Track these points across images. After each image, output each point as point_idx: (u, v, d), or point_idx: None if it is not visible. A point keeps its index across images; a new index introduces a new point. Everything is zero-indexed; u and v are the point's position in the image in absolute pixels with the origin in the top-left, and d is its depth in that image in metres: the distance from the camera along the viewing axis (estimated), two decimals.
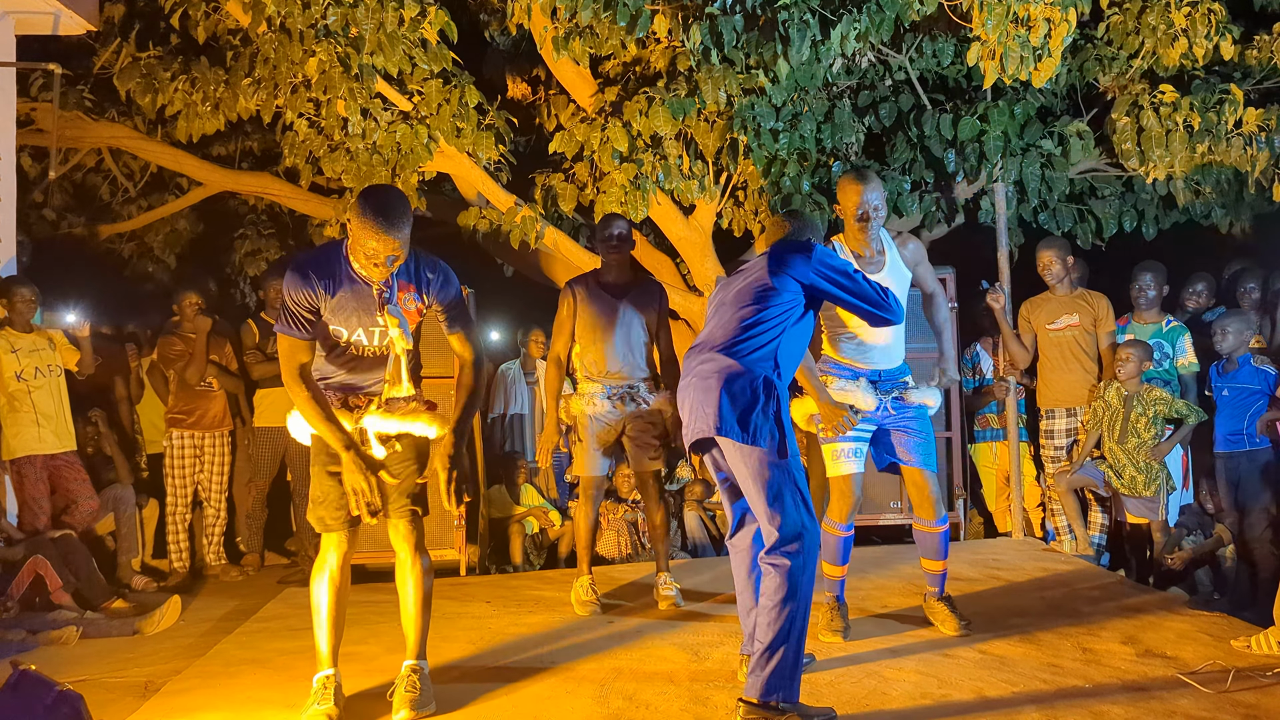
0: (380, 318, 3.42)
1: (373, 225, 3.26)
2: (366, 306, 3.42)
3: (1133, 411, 5.58)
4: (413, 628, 3.64)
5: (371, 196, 3.35)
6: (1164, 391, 5.64)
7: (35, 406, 5.81)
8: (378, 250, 3.29)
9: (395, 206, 3.32)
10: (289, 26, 6.03)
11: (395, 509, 3.60)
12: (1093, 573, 5.28)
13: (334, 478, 3.52)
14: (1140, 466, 5.56)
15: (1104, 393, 5.74)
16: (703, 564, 5.97)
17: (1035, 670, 3.76)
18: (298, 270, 3.39)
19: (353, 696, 3.71)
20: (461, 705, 3.61)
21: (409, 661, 3.62)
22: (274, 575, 6.65)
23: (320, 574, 3.60)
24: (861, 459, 4.25)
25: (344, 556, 3.60)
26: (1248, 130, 5.95)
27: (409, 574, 3.63)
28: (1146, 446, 5.57)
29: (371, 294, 3.41)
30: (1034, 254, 6.28)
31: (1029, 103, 6.34)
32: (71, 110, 7.77)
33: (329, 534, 3.59)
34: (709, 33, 5.79)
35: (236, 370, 6.94)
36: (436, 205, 7.82)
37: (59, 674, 3.26)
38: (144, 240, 9.70)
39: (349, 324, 3.45)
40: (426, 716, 3.52)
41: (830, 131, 6.35)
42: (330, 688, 3.56)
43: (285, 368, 3.43)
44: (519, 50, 8.16)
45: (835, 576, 4.35)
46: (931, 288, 4.42)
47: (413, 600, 3.63)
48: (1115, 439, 5.64)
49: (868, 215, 4.08)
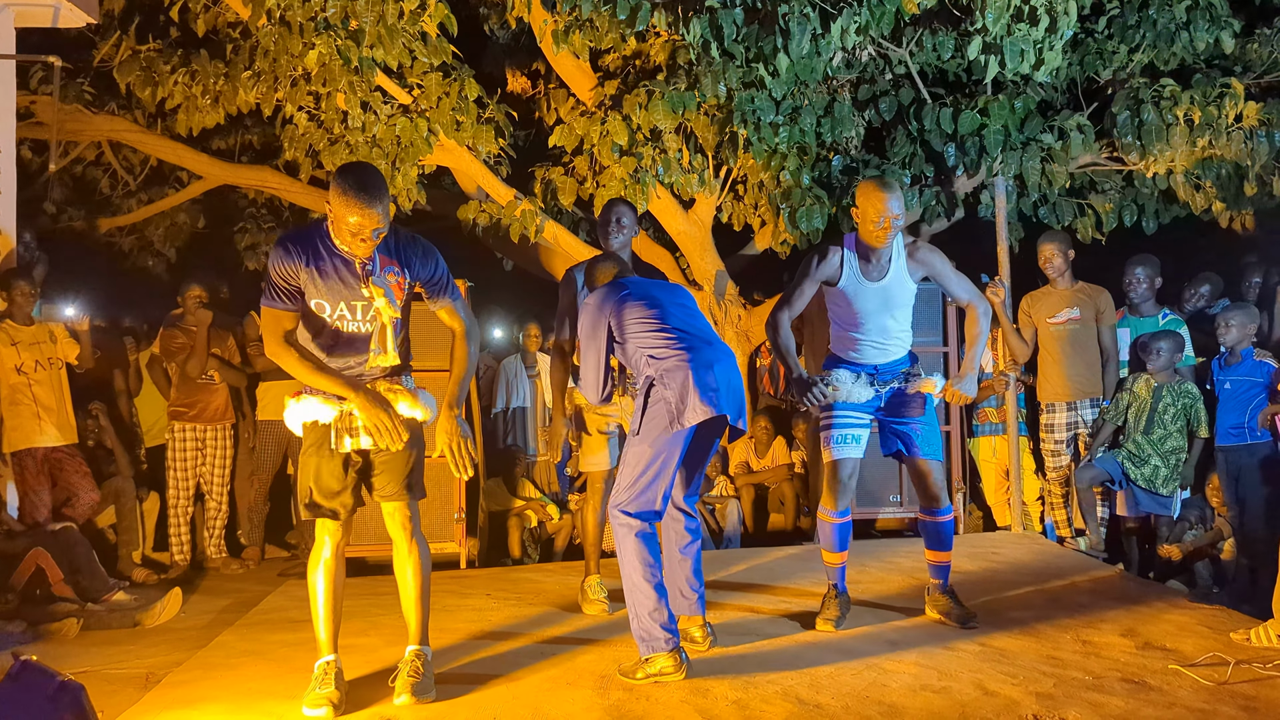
0: (365, 289, 3.44)
1: (354, 200, 3.29)
2: (349, 281, 3.45)
3: (1161, 402, 5.58)
4: (413, 613, 3.68)
5: (349, 173, 3.37)
6: (1194, 387, 5.64)
7: (36, 399, 5.81)
8: (361, 225, 3.32)
9: (373, 181, 3.35)
10: (289, 20, 6.03)
11: (389, 494, 3.63)
12: (1092, 566, 5.29)
13: (327, 463, 3.55)
14: (1167, 461, 5.56)
15: (1132, 384, 5.74)
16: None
17: (1035, 662, 3.76)
18: (280, 245, 3.45)
19: (355, 682, 3.73)
20: (462, 696, 3.62)
21: (412, 647, 3.66)
22: (275, 568, 6.66)
23: (316, 563, 3.64)
24: (856, 446, 4.24)
25: (338, 545, 3.64)
26: (1248, 124, 5.96)
27: (406, 560, 3.67)
28: (1174, 439, 5.58)
29: (355, 268, 3.44)
30: (1034, 248, 6.28)
31: (1029, 97, 6.34)
32: (71, 103, 7.77)
33: (323, 522, 3.62)
34: (709, 26, 5.78)
35: (238, 363, 6.94)
36: (436, 199, 7.82)
37: (60, 666, 3.26)
38: (144, 234, 9.71)
39: (331, 299, 3.46)
40: (428, 702, 3.54)
41: (830, 125, 6.35)
42: (331, 673, 3.59)
43: (271, 338, 3.48)
44: (519, 44, 8.17)
45: (834, 564, 4.35)
46: (965, 299, 4.29)
47: (412, 586, 3.67)
48: (1141, 430, 5.64)
49: (887, 224, 4.08)
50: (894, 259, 4.18)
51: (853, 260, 4.18)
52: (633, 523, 3.73)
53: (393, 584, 3.75)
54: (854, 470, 4.27)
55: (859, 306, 4.20)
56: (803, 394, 4.09)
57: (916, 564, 5.32)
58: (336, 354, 3.54)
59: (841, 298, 4.23)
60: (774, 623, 4.39)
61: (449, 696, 3.61)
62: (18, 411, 5.79)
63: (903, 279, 4.20)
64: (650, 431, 3.74)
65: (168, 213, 9.48)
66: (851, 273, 4.18)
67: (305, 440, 3.61)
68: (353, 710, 3.55)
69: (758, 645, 4.07)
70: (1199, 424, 5.59)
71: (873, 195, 4.08)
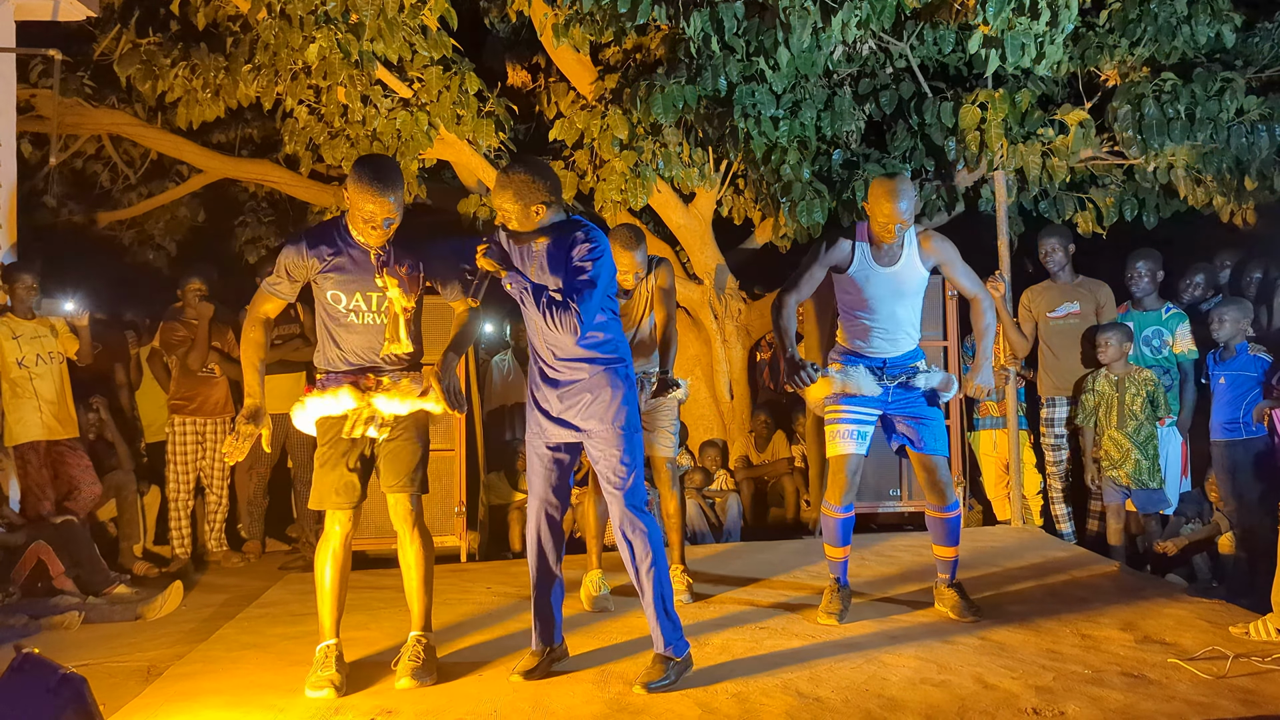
0: (379, 279, 3.62)
1: (369, 188, 3.51)
2: (364, 271, 3.64)
3: (1127, 394, 5.60)
4: (416, 600, 3.81)
5: (365, 163, 3.61)
6: (1151, 372, 5.68)
7: (37, 393, 5.82)
8: (374, 213, 3.53)
9: (388, 171, 3.57)
10: (289, 13, 6.02)
11: (395, 487, 3.74)
12: (1091, 560, 5.30)
13: (337, 457, 3.68)
14: (1145, 451, 5.58)
15: (1092, 384, 5.75)
16: (699, 550, 5.98)
17: (1035, 656, 3.77)
18: (298, 237, 3.72)
19: (356, 666, 3.82)
20: (463, 688, 3.63)
21: (414, 632, 3.78)
22: (275, 561, 6.66)
23: (324, 550, 3.76)
24: (861, 441, 4.25)
25: (346, 535, 3.76)
26: (1249, 119, 5.95)
27: (409, 549, 3.80)
28: (1147, 427, 5.59)
29: (369, 259, 3.64)
30: (1034, 242, 6.27)
31: (1030, 90, 6.33)
32: (71, 97, 7.76)
33: (333, 513, 3.74)
34: (709, 20, 5.77)
35: (239, 357, 6.92)
36: (436, 193, 7.81)
37: (61, 659, 3.26)
38: (144, 228, 9.70)
39: (348, 289, 3.65)
40: (429, 685, 3.64)
41: (831, 119, 6.34)
42: (332, 656, 3.70)
43: (251, 313, 3.78)
44: (519, 37, 8.15)
45: (836, 559, 4.36)
46: (971, 291, 4.35)
47: (415, 574, 3.80)
48: (1115, 425, 5.65)
49: (896, 224, 4.09)
50: (906, 245, 4.20)
51: (864, 246, 4.21)
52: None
53: (392, 578, 3.78)
54: (858, 466, 4.28)
55: (869, 293, 4.21)
56: (792, 374, 4.04)
57: (916, 558, 5.34)
58: (361, 346, 3.71)
59: (851, 284, 4.24)
60: (774, 616, 4.40)
61: (450, 689, 3.62)
62: (19, 405, 5.79)
63: (914, 265, 4.22)
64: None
65: (168, 206, 9.46)
66: (863, 258, 4.20)
67: (320, 436, 3.74)
68: (354, 691, 3.62)
69: (758, 638, 4.08)
70: (1160, 409, 5.62)
71: (883, 199, 4.09)
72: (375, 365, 3.71)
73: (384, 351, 3.68)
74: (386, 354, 3.68)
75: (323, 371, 3.78)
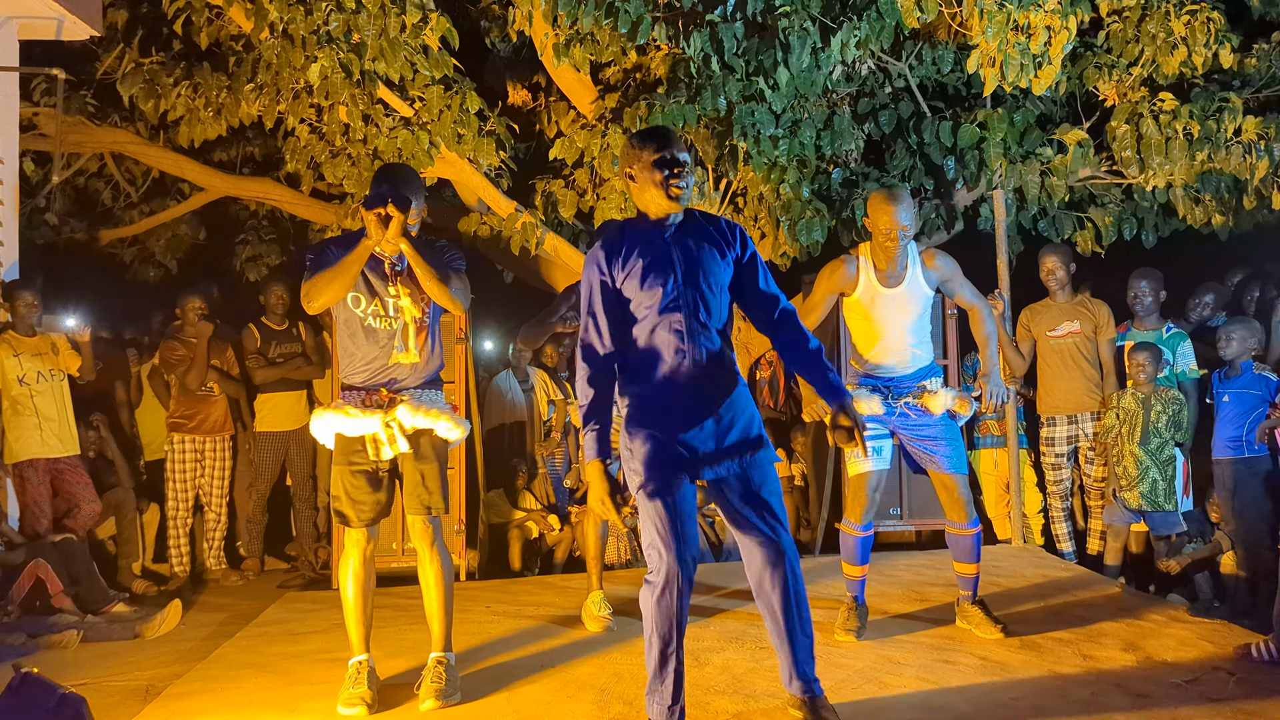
0: (390, 289, 3.69)
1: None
2: (380, 278, 3.71)
3: (1153, 411, 5.59)
4: (436, 621, 3.81)
5: (386, 171, 3.74)
6: (1176, 391, 5.67)
7: (38, 410, 5.82)
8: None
9: (409, 180, 3.71)
10: (291, 32, 6.05)
11: (415, 508, 3.77)
12: (1093, 580, 5.29)
13: (356, 476, 3.70)
14: (1164, 472, 5.57)
15: (1118, 401, 5.74)
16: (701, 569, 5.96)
17: (1037, 677, 3.76)
18: (325, 243, 3.77)
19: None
20: (463, 709, 3.62)
21: (435, 654, 3.77)
22: (274, 580, 6.64)
23: (345, 569, 3.79)
24: (878, 456, 4.24)
25: (365, 551, 3.78)
26: (1247, 138, 5.98)
27: (429, 569, 3.81)
28: (1169, 447, 5.59)
29: (384, 268, 3.70)
30: (1034, 261, 6.28)
31: (1029, 110, 6.37)
32: (74, 115, 7.80)
33: (350, 530, 3.76)
34: (709, 40, 5.81)
35: (237, 375, 6.94)
36: (437, 211, 7.84)
37: (60, 678, 3.26)
38: (145, 245, 9.72)
39: (366, 295, 3.71)
40: (453, 705, 3.64)
41: (830, 138, 6.37)
42: (364, 672, 3.72)
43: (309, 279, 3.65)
44: (520, 57, 8.19)
45: (855, 576, 4.37)
46: (971, 302, 4.40)
47: (435, 595, 3.81)
48: (1137, 441, 5.63)
49: (897, 234, 4.12)
50: (910, 265, 4.23)
51: (868, 267, 4.23)
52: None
53: (396, 595, 3.77)
54: (879, 482, 4.29)
55: (876, 314, 4.24)
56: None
57: (916, 577, 5.33)
58: (365, 346, 3.74)
59: (858, 308, 4.27)
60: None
61: (450, 709, 3.61)
62: (20, 422, 5.79)
63: (919, 284, 4.24)
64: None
65: (169, 224, 9.49)
66: (867, 280, 4.22)
67: (337, 451, 3.76)
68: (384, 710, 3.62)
69: (758, 658, 4.07)
70: (1181, 431, 5.62)
71: (882, 206, 4.14)
72: (390, 379, 3.73)
73: (393, 359, 3.72)
74: (395, 362, 3.72)
75: (343, 384, 3.82)
